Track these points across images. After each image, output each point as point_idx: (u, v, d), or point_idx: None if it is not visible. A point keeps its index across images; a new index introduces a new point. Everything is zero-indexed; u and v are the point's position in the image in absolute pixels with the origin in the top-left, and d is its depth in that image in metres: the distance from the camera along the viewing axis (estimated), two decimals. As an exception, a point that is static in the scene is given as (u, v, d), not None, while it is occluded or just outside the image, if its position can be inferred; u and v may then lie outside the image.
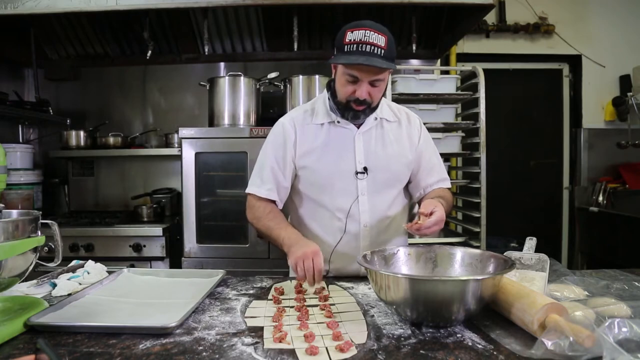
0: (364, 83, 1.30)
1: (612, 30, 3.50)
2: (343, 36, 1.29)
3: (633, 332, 0.76)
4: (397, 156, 1.46)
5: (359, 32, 1.26)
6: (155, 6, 2.37)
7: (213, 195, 2.54)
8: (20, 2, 2.33)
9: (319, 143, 1.43)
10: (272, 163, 1.45)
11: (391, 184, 1.47)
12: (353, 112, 1.37)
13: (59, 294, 1.20)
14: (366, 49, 1.25)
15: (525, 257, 1.17)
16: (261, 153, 1.50)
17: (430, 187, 1.50)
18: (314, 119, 1.45)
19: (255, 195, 1.47)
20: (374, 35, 1.26)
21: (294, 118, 1.48)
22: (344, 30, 1.31)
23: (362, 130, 1.44)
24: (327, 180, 1.43)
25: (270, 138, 1.50)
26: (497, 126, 3.02)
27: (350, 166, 1.43)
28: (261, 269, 2.38)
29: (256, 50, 3.19)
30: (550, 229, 3.67)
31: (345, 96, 1.34)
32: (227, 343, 0.88)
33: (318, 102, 1.49)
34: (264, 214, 1.43)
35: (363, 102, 1.33)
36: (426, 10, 2.82)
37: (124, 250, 2.52)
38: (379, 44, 1.25)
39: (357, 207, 1.43)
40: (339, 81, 1.35)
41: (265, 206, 1.45)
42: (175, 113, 3.25)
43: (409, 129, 1.50)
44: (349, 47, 1.26)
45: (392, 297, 0.96)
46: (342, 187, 1.43)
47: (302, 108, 1.52)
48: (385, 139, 1.46)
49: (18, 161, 2.81)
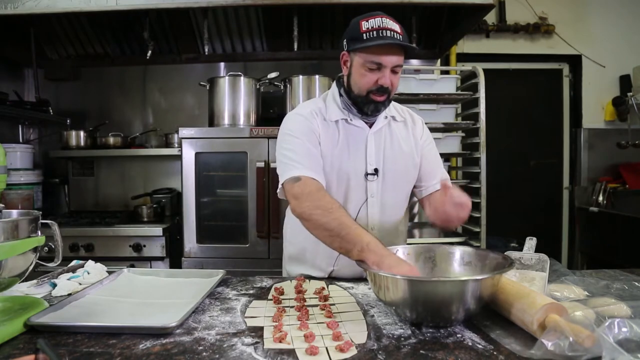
0: (387, 69, 1.27)
1: (612, 30, 3.51)
2: (358, 26, 1.27)
3: (633, 332, 0.76)
4: (406, 157, 1.44)
5: (374, 20, 1.25)
6: (155, 6, 2.37)
7: (213, 195, 2.54)
8: (20, 2, 2.33)
9: (333, 142, 1.38)
10: (307, 145, 1.33)
11: (400, 186, 1.46)
12: (374, 104, 1.32)
13: (59, 294, 1.20)
14: (387, 34, 1.23)
15: (525, 257, 1.17)
16: (286, 143, 1.35)
17: (433, 188, 1.48)
18: (327, 116, 1.40)
19: (305, 177, 1.26)
20: (390, 22, 1.26)
21: (313, 111, 1.39)
22: (356, 21, 1.29)
23: (374, 130, 1.41)
24: (337, 181, 1.38)
25: (293, 127, 1.37)
26: (497, 126, 3.01)
27: (361, 167, 1.39)
28: (261, 269, 2.38)
29: (256, 50, 3.19)
30: (550, 229, 3.67)
31: (367, 87, 1.30)
32: (227, 343, 0.88)
33: (327, 99, 1.44)
34: (333, 205, 1.20)
35: (385, 90, 1.30)
36: (426, 10, 2.82)
37: (124, 250, 2.52)
38: (396, 29, 1.25)
39: (366, 209, 1.40)
40: (358, 72, 1.30)
41: (331, 197, 1.25)
42: (175, 113, 3.25)
43: (414, 130, 1.49)
44: (369, 35, 1.24)
45: (391, 298, 0.96)
46: (352, 188, 1.39)
47: (315, 104, 1.44)
48: (394, 139, 1.43)
49: (18, 161, 2.81)
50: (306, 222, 1.24)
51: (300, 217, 1.26)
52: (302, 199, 1.24)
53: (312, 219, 1.21)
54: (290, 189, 1.28)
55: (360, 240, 1.09)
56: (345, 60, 1.36)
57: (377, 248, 1.07)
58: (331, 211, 1.18)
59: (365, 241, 1.09)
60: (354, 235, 1.11)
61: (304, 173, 1.28)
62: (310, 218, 1.21)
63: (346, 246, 1.12)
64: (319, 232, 1.21)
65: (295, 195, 1.27)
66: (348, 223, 1.15)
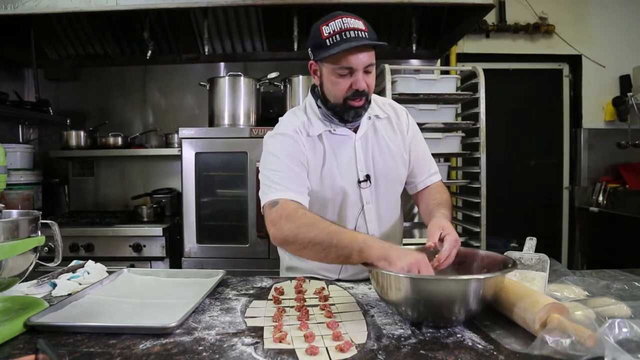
0: (359, 72, 1.21)
1: (612, 30, 3.51)
2: (318, 33, 1.21)
3: (633, 332, 0.76)
4: (395, 157, 1.41)
5: (334, 22, 1.19)
6: (155, 6, 2.37)
7: (213, 195, 2.54)
8: (20, 2, 2.33)
9: (321, 157, 1.33)
10: (292, 167, 1.27)
11: (393, 188, 1.44)
12: (354, 110, 1.27)
13: (59, 294, 1.20)
14: (350, 34, 1.17)
15: (525, 257, 1.17)
16: (268, 164, 1.30)
17: (423, 183, 1.46)
18: (311, 130, 1.33)
19: (283, 200, 1.20)
20: (352, 20, 1.19)
21: (298, 128, 1.33)
22: (315, 27, 1.23)
23: (359, 135, 1.36)
24: (332, 195, 1.34)
25: (277, 147, 1.31)
26: (497, 126, 3.01)
27: (353, 176, 1.35)
28: (261, 269, 2.38)
29: (256, 50, 3.19)
30: (550, 229, 3.67)
31: (342, 94, 1.24)
32: (227, 343, 0.88)
33: (308, 111, 1.37)
34: (317, 220, 1.13)
35: (362, 93, 1.24)
36: (426, 10, 2.82)
37: (124, 250, 2.52)
38: (359, 27, 1.18)
39: (364, 217, 1.37)
40: (330, 81, 1.25)
41: (311, 212, 1.19)
42: (175, 113, 3.25)
43: (399, 124, 1.43)
44: (332, 40, 1.18)
45: (393, 297, 0.96)
46: (347, 199, 1.35)
47: (298, 118, 1.37)
48: (381, 141, 1.39)
49: (18, 161, 2.81)
50: (292, 245, 1.16)
51: (284, 242, 1.17)
52: (281, 223, 1.15)
53: (298, 239, 1.12)
54: (268, 215, 1.20)
55: (355, 241, 1.05)
56: (315, 70, 1.31)
57: (376, 243, 1.04)
58: (316, 224, 1.11)
59: (360, 240, 1.04)
60: (347, 239, 1.06)
61: (282, 195, 1.21)
62: (296, 239, 1.13)
63: (343, 253, 1.06)
64: (309, 251, 1.12)
65: (273, 222, 1.18)
66: (337, 230, 1.10)
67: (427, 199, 1.43)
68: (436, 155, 2.39)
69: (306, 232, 1.11)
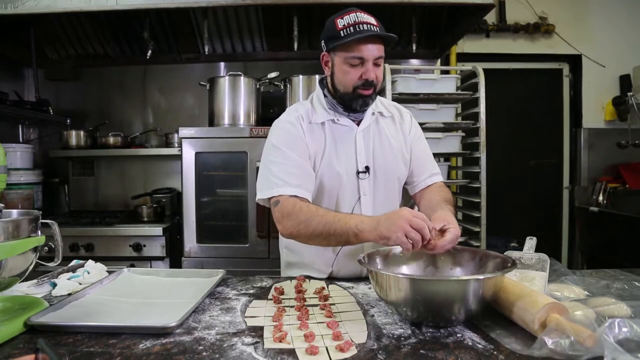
0: (369, 63, 1.28)
1: (612, 30, 3.51)
2: (333, 25, 1.28)
3: (633, 332, 0.76)
4: (396, 153, 1.44)
5: (349, 16, 1.26)
6: (155, 6, 2.37)
7: (213, 195, 2.54)
8: (20, 2, 2.33)
9: (322, 144, 1.38)
10: (293, 157, 1.32)
11: (392, 183, 1.45)
12: (362, 98, 1.33)
13: (59, 293, 1.20)
14: (364, 27, 1.24)
15: (525, 257, 1.17)
16: (270, 155, 1.36)
17: (424, 183, 1.48)
18: (314, 118, 1.40)
19: (283, 197, 1.27)
20: (365, 15, 1.27)
21: (300, 116, 1.40)
22: (331, 20, 1.30)
23: (362, 127, 1.41)
24: (329, 182, 1.38)
25: (278, 137, 1.37)
26: (497, 126, 3.01)
27: (352, 166, 1.39)
28: (261, 268, 2.38)
29: (256, 50, 3.19)
30: (550, 229, 3.67)
31: (352, 83, 1.31)
32: (227, 343, 0.88)
33: (314, 100, 1.44)
34: (314, 213, 1.22)
35: (371, 84, 1.30)
36: (426, 10, 2.82)
37: (124, 250, 2.52)
38: (372, 22, 1.26)
39: (360, 208, 1.40)
40: (341, 70, 1.31)
41: (309, 205, 1.26)
42: (175, 113, 3.25)
43: (402, 125, 1.49)
44: (346, 31, 1.25)
45: (393, 297, 0.96)
46: (344, 188, 1.39)
47: (301, 106, 1.44)
48: (383, 136, 1.43)
49: (18, 161, 2.81)
50: (298, 238, 1.28)
51: (291, 237, 1.29)
52: (284, 222, 1.26)
53: (300, 234, 1.25)
54: (273, 213, 1.31)
55: (348, 228, 1.15)
56: (327, 61, 1.37)
57: (366, 225, 1.13)
58: (313, 218, 1.21)
59: (353, 226, 1.14)
60: (340, 227, 1.16)
61: (282, 192, 1.29)
62: (298, 234, 1.25)
63: (342, 239, 1.18)
64: (313, 242, 1.25)
65: (278, 220, 1.29)
66: (331, 219, 1.19)
67: (430, 196, 1.44)
68: (436, 155, 2.38)
69: (306, 227, 1.22)
